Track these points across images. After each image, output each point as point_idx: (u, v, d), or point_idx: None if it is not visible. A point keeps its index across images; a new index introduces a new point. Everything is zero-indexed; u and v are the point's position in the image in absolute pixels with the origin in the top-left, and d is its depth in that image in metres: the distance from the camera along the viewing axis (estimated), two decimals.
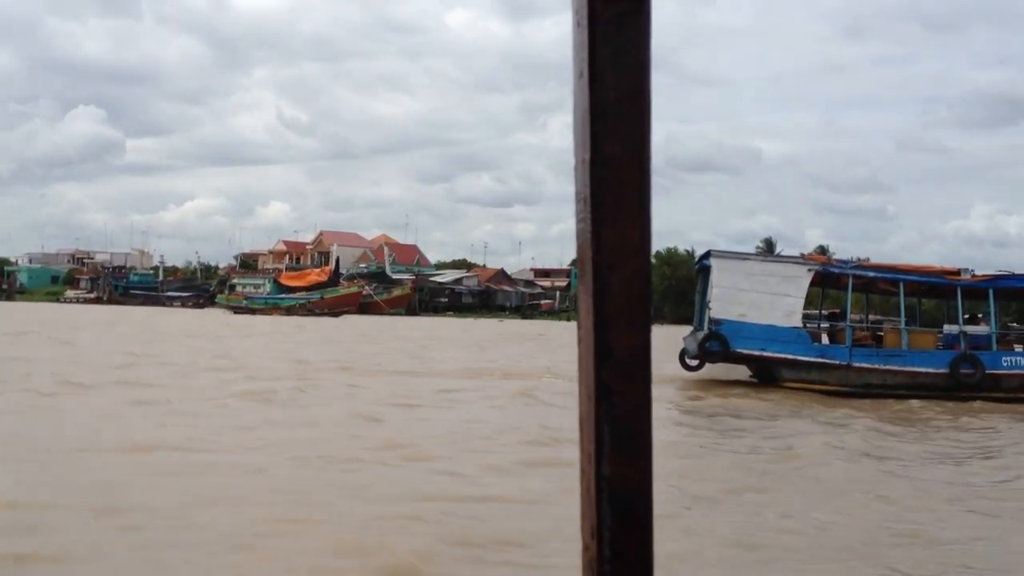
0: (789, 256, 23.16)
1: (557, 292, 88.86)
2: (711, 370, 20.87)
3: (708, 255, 21.04)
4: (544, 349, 32.17)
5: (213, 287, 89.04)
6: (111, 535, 6.50)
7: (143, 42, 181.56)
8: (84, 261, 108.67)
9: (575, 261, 0.81)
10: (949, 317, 22.67)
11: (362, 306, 72.57)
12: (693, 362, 20.68)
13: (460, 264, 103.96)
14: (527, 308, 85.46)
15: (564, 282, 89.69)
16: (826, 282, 22.82)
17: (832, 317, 24.77)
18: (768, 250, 74.50)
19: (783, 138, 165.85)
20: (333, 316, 63.28)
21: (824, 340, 20.95)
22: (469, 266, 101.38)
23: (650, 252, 0.76)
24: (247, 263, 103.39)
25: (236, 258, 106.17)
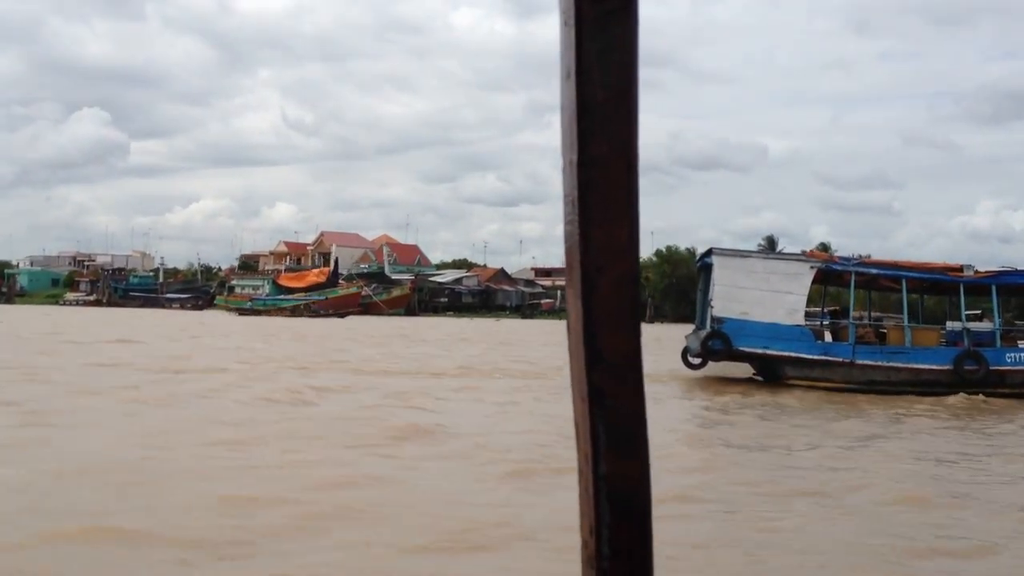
0: (791, 254, 23.09)
1: (558, 292, 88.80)
2: (712, 368, 20.86)
3: (710, 253, 21.01)
4: (504, 347, 32.40)
5: (213, 289, 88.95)
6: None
7: (147, 44, 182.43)
8: (85, 264, 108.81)
9: None
10: (951, 314, 22.66)
11: (361, 307, 72.50)
12: (696, 360, 20.65)
13: (461, 264, 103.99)
14: (527, 308, 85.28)
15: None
16: (828, 279, 22.80)
17: (833, 314, 24.76)
18: (770, 248, 74.41)
19: (789, 135, 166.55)
20: (339, 317, 62.95)
21: (827, 338, 20.91)
22: (470, 266, 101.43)
23: (639, 253, 0.76)
24: (248, 264, 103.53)
25: (238, 259, 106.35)
